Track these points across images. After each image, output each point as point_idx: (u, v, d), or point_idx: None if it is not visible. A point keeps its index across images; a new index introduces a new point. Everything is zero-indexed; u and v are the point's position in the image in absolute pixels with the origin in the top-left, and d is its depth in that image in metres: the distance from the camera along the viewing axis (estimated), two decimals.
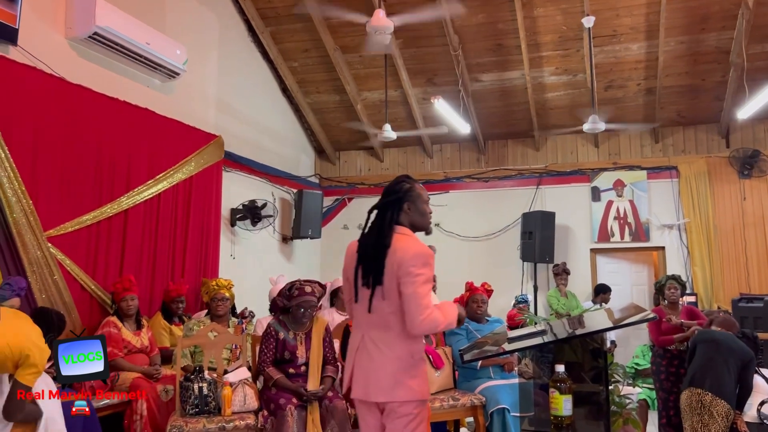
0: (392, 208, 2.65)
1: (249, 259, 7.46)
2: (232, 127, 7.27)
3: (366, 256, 2.62)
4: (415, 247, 2.56)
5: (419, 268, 2.49)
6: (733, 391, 4.01)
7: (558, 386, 2.56)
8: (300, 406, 3.69)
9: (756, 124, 8.15)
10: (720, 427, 3.93)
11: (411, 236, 2.64)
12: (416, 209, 2.67)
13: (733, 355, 4.04)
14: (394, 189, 2.69)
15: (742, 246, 8.06)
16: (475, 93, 8.22)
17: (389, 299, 2.53)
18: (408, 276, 2.47)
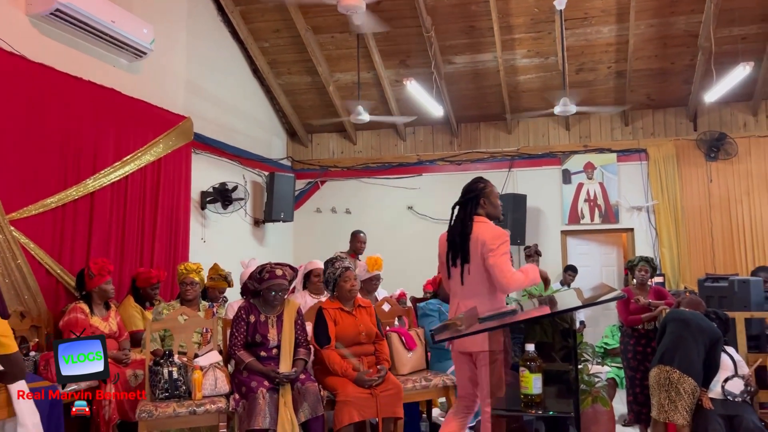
0: (471, 203, 3.40)
1: (220, 242, 7.38)
2: (202, 109, 7.15)
3: (454, 243, 3.38)
4: (492, 230, 3.30)
5: (497, 244, 3.21)
6: (701, 369, 4.10)
7: (528, 365, 2.59)
8: (272, 389, 3.67)
9: (723, 108, 8.28)
10: (686, 403, 4.02)
11: (488, 223, 3.36)
12: (490, 203, 3.42)
13: (702, 333, 4.13)
14: (471, 188, 3.46)
15: (708, 227, 8.23)
16: (448, 75, 8.20)
17: (474, 273, 3.28)
18: (490, 251, 3.20)
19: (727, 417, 3.94)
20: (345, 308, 4.10)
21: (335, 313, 4.06)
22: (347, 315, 4.08)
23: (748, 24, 7.11)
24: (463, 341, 3.25)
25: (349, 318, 4.07)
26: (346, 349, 3.97)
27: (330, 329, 3.97)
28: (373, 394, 3.80)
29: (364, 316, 4.14)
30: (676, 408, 4.03)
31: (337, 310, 4.08)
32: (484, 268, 3.25)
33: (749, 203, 8.13)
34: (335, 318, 4.03)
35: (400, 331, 4.53)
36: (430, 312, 4.81)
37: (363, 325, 4.08)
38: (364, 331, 4.06)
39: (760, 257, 7.92)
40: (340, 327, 4.01)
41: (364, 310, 4.19)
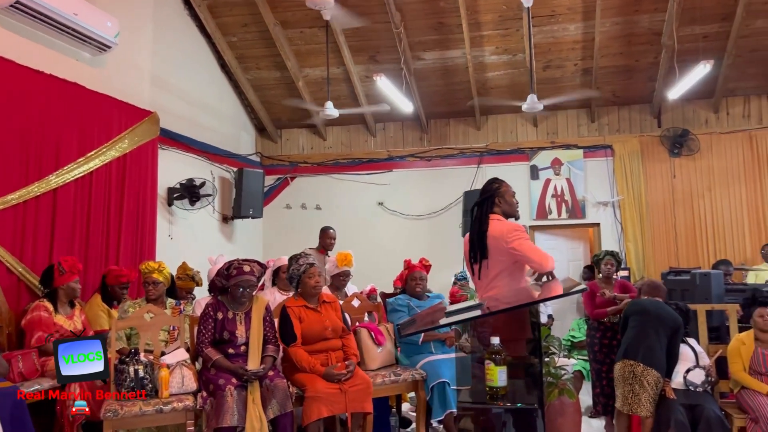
0: (487, 203, 3.55)
1: (188, 239, 7.30)
2: (168, 104, 7.05)
3: (472, 241, 3.55)
4: (507, 225, 3.45)
5: (515, 236, 3.36)
6: (663, 360, 4.20)
7: (493, 358, 2.62)
8: (240, 387, 3.64)
9: (685, 105, 8.46)
10: (650, 395, 4.12)
11: (503, 220, 3.50)
12: (505, 201, 3.54)
13: (662, 324, 4.23)
14: (487, 188, 3.61)
15: (671, 222, 8.41)
16: (418, 71, 8.22)
17: (492, 268, 3.43)
18: (512, 241, 3.35)
19: (688, 406, 4.04)
20: (309, 305, 4.09)
21: (299, 311, 4.04)
22: (312, 311, 4.07)
23: (709, 23, 7.27)
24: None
25: (314, 314, 4.06)
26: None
27: (295, 327, 3.96)
28: (342, 389, 3.80)
29: (329, 311, 4.14)
30: (639, 400, 4.12)
31: (301, 307, 4.06)
32: (504, 262, 3.41)
33: (711, 198, 8.32)
34: (300, 315, 4.02)
35: (369, 326, 4.54)
36: (399, 307, 4.83)
37: (329, 320, 4.08)
38: (330, 326, 4.06)
39: (721, 251, 8.12)
40: (306, 324, 4.00)
41: (329, 305, 4.18)
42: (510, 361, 2.79)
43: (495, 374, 2.60)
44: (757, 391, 4.08)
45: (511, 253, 3.36)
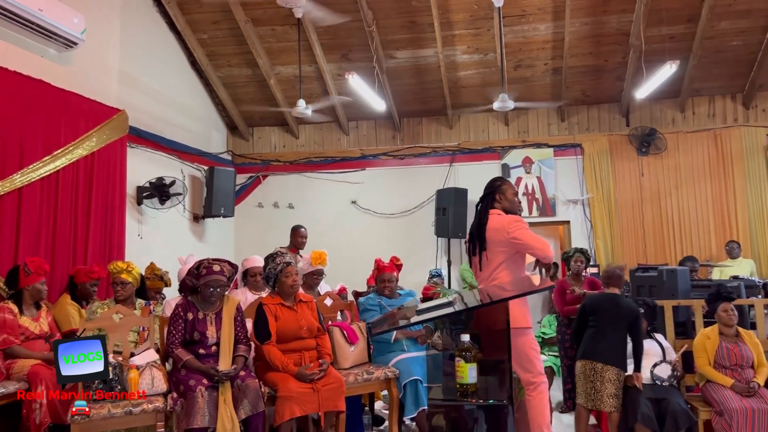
0: (488, 199, 3.71)
1: (158, 239, 7.20)
2: (137, 101, 6.94)
3: (472, 234, 3.73)
4: (506, 218, 3.59)
5: (515, 227, 3.49)
6: (623, 354, 4.28)
7: (463, 355, 2.64)
8: (211, 387, 3.61)
9: (653, 104, 8.61)
10: (610, 390, 4.20)
11: (502, 214, 3.63)
12: (506, 198, 3.69)
13: (620, 319, 4.30)
14: (489, 185, 3.78)
15: (640, 219, 8.56)
16: (390, 70, 8.23)
17: (491, 259, 3.58)
18: (513, 231, 3.48)
19: (655, 400, 4.12)
20: (286, 303, 4.07)
21: (276, 309, 4.02)
22: (288, 310, 4.06)
23: (675, 24, 7.41)
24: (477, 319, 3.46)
25: (290, 313, 4.05)
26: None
27: (270, 325, 3.94)
28: (315, 388, 3.79)
29: (305, 310, 4.13)
30: (601, 397, 4.20)
31: (277, 305, 4.04)
32: (506, 253, 3.55)
33: (678, 196, 8.49)
34: (276, 313, 4.00)
35: (341, 325, 4.53)
36: (371, 306, 4.83)
37: (304, 319, 4.07)
38: (305, 325, 4.05)
39: (688, 248, 8.29)
40: (281, 322, 3.98)
41: (305, 305, 4.17)
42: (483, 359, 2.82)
43: (465, 371, 2.62)
44: (721, 385, 4.18)
45: (513, 243, 3.50)
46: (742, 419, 3.94)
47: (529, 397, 3.50)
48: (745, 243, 8.00)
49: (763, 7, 7.17)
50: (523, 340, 3.47)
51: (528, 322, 3.54)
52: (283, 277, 4.08)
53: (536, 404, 3.49)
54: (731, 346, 4.28)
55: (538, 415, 3.48)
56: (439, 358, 3.53)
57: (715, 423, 4.07)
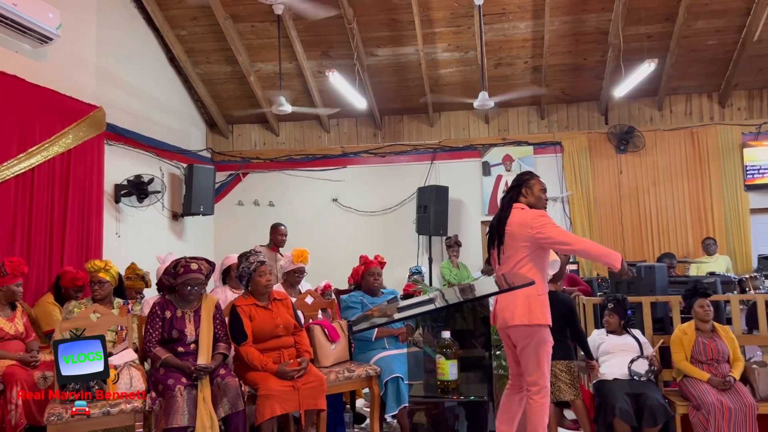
0: (513, 192, 3.60)
1: (136, 237, 7.12)
2: (115, 98, 6.86)
3: (492, 227, 3.60)
4: (529, 213, 3.46)
5: (540, 222, 3.37)
6: (569, 347, 4.37)
7: (444, 352, 2.64)
8: (190, 386, 3.57)
9: (631, 102, 8.70)
10: (565, 380, 4.28)
11: (526, 209, 3.49)
12: (532, 193, 3.56)
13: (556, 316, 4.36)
14: (516, 179, 3.66)
15: (618, 216, 8.65)
16: (371, 67, 8.22)
17: (510, 254, 3.46)
18: (539, 228, 3.35)
19: (633, 395, 4.16)
20: (260, 303, 4.04)
21: (250, 309, 3.98)
22: (263, 309, 4.02)
23: (653, 23, 7.49)
24: (496, 315, 3.43)
25: (264, 312, 4.01)
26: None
27: (246, 326, 3.90)
28: (295, 387, 3.77)
29: (280, 308, 4.09)
30: (559, 389, 4.28)
31: (251, 305, 4.00)
32: (528, 248, 3.42)
33: (656, 193, 8.59)
34: (250, 314, 3.96)
35: (323, 323, 4.51)
36: (353, 304, 4.81)
37: (280, 318, 4.03)
38: (281, 323, 4.02)
39: (665, 244, 8.40)
40: (257, 322, 3.95)
41: (280, 302, 4.14)
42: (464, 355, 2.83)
43: (446, 368, 2.62)
44: (698, 379, 4.24)
45: (537, 238, 3.37)
46: (719, 413, 4.00)
47: (530, 400, 3.40)
48: (720, 240, 8.13)
49: (738, 7, 7.28)
50: (539, 337, 3.37)
51: (544, 318, 3.38)
52: (257, 276, 4.04)
53: (536, 408, 3.38)
54: (707, 341, 4.34)
55: (537, 419, 3.38)
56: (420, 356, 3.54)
57: (692, 417, 4.12)
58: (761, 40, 7.42)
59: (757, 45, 7.54)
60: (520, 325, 3.33)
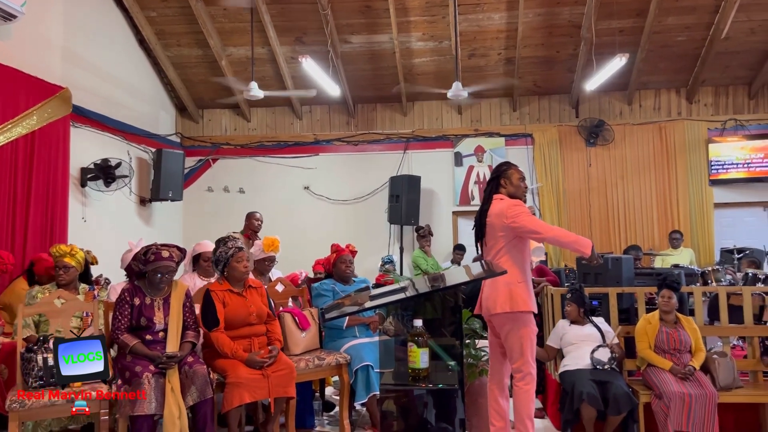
0: (493, 183, 3.66)
1: (103, 222, 6.99)
2: (81, 79, 6.69)
3: (476, 218, 3.69)
4: (507, 202, 3.54)
5: (514, 212, 3.43)
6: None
7: (415, 340, 2.65)
8: (158, 374, 3.53)
9: (602, 96, 8.81)
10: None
11: (505, 199, 3.57)
12: (510, 183, 3.61)
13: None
14: (495, 169, 3.71)
15: (587, 209, 8.77)
16: (345, 55, 8.16)
17: (491, 245, 3.55)
18: (513, 217, 3.43)
19: (598, 383, 4.24)
20: (234, 290, 4.00)
21: (224, 295, 3.95)
22: (237, 296, 3.99)
23: (625, 18, 7.58)
24: (481, 305, 3.54)
25: (238, 299, 3.98)
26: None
27: (219, 311, 3.87)
28: (265, 374, 3.75)
29: (254, 296, 4.06)
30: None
31: (225, 291, 3.97)
32: (506, 238, 3.49)
33: (623, 187, 8.74)
34: (224, 300, 3.93)
35: (293, 311, 4.50)
36: (324, 292, 4.80)
37: (254, 305, 4.01)
38: (254, 311, 3.99)
39: (632, 237, 8.55)
40: (230, 308, 3.92)
41: (254, 290, 4.11)
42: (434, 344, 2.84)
43: (417, 356, 2.63)
44: (660, 369, 4.33)
45: (512, 227, 3.44)
46: (679, 402, 4.09)
47: (516, 387, 3.49)
48: (685, 233, 8.30)
49: (707, 4, 7.41)
50: (521, 324, 3.44)
51: (527, 305, 3.44)
52: (235, 262, 4.01)
53: (521, 394, 3.47)
54: (671, 331, 4.44)
55: (522, 405, 3.48)
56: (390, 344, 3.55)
57: (654, 405, 4.21)
58: (729, 37, 7.57)
59: (724, 42, 7.69)
60: (501, 313, 3.44)
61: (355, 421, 4.67)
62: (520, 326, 3.44)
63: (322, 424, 4.73)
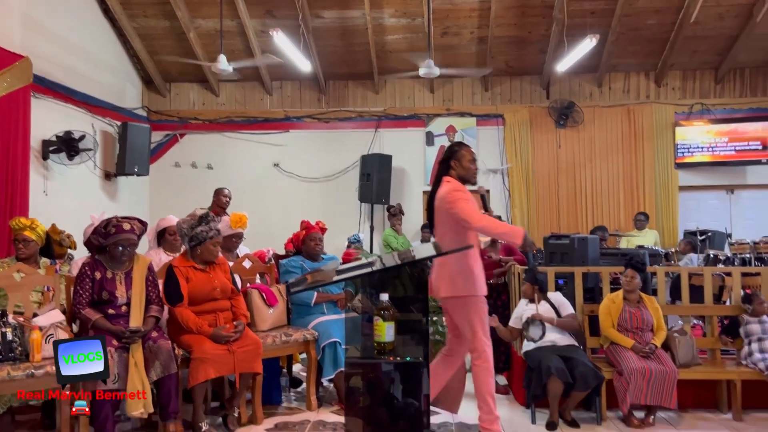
0: (443, 165, 3.63)
1: (66, 196, 6.82)
2: (43, 49, 6.48)
3: (427, 201, 3.73)
4: (450, 186, 3.51)
5: (454, 197, 3.43)
6: None
7: (382, 314, 2.66)
8: (121, 348, 3.48)
9: (572, 78, 8.86)
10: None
11: (452, 182, 3.54)
12: (460, 165, 3.56)
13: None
14: (446, 150, 3.67)
15: (555, 190, 8.86)
16: (316, 29, 8.04)
17: (439, 227, 3.59)
18: (451, 203, 3.44)
19: (563, 358, 4.31)
20: (198, 266, 3.94)
21: (187, 271, 3.89)
22: (200, 272, 3.93)
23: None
24: (431, 287, 3.56)
25: (202, 275, 3.93)
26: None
27: (182, 287, 3.81)
28: (231, 350, 3.73)
29: (218, 272, 4.01)
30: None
31: (189, 267, 3.91)
32: (448, 222, 3.51)
33: (591, 168, 8.84)
34: (187, 275, 3.87)
35: (260, 287, 4.47)
36: (293, 269, 4.77)
37: (218, 281, 3.96)
38: (218, 287, 3.94)
39: (599, 217, 8.68)
40: (193, 284, 3.86)
41: (218, 266, 4.05)
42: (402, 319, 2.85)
43: (383, 330, 2.64)
44: (623, 347, 4.42)
45: (450, 212, 3.45)
46: (640, 378, 4.19)
47: (474, 366, 3.55)
48: (651, 215, 8.45)
49: None
50: (466, 307, 3.51)
51: (470, 290, 3.49)
52: (211, 245, 3.95)
53: (479, 372, 3.52)
54: (633, 311, 4.52)
55: (481, 383, 3.52)
56: (358, 321, 3.55)
57: (616, 382, 4.30)
58: (698, 21, 7.65)
59: (693, 26, 7.78)
60: (446, 297, 3.54)
61: (323, 397, 4.68)
62: (465, 309, 3.51)
63: (289, 400, 4.73)
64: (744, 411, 4.42)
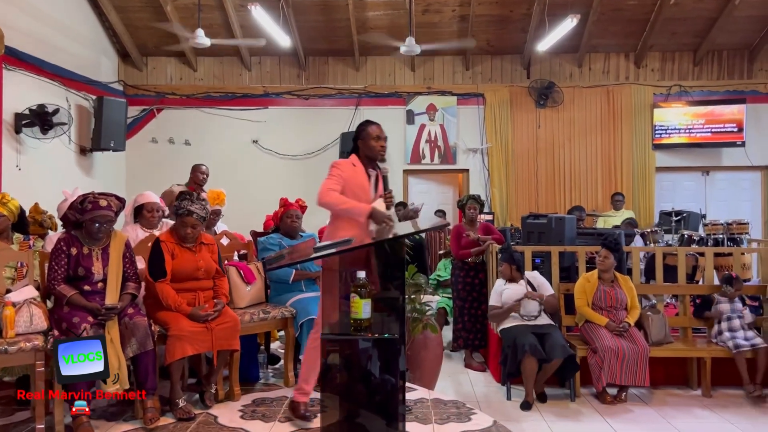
0: (353, 144, 3.57)
1: (39, 171, 6.71)
2: (15, 20, 6.31)
3: None
4: (335, 162, 3.57)
5: (330, 171, 3.49)
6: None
7: (358, 291, 2.67)
8: (96, 325, 3.45)
9: (553, 58, 8.87)
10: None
11: (340, 162, 3.58)
12: (365, 144, 3.50)
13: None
14: (355, 131, 3.59)
15: (534, 169, 8.91)
16: (296, 4, 7.93)
17: None
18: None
19: (538, 335, 4.38)
20: (185, 244, 3.91)
21: (173, 247, 3.85)
22: (187, 250, 3.90)
23: None
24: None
25: (187, 253, 3.89)
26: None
27: (167, 263, 3.78)
28: (208, 327, 3.71)
29: (204, 253, 3.98)
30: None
31: (176, 244, 3.88)
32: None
33: (570, 148, 8.90)
34: (173, 252, 3.84)
35: (238, 265, 4.45)
36: (271, 246, 4.76)
37: (203, 260, 3.93)
38: (203, 267, 3.91)
39: (576, 198, 8.76)
40: (178, 261, 3.83)
41: (205, 247, 4.02)
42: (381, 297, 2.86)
43: (360, 307, 2.65)
44: (597, 325, 4.50)
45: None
46: (613, 356, 4.27)
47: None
48: (627, 195, 8.56)
49: None
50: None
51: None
52: (180, 222, 3.87)
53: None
54: (608, 289, 4.60)
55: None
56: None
57: (590, 359, 4.39)
58: (678, 3, 7.69)
59: (673, 8, 7.81)
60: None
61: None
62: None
63: (266, 377, 4.74)
64: (713, 388, 4.55)
